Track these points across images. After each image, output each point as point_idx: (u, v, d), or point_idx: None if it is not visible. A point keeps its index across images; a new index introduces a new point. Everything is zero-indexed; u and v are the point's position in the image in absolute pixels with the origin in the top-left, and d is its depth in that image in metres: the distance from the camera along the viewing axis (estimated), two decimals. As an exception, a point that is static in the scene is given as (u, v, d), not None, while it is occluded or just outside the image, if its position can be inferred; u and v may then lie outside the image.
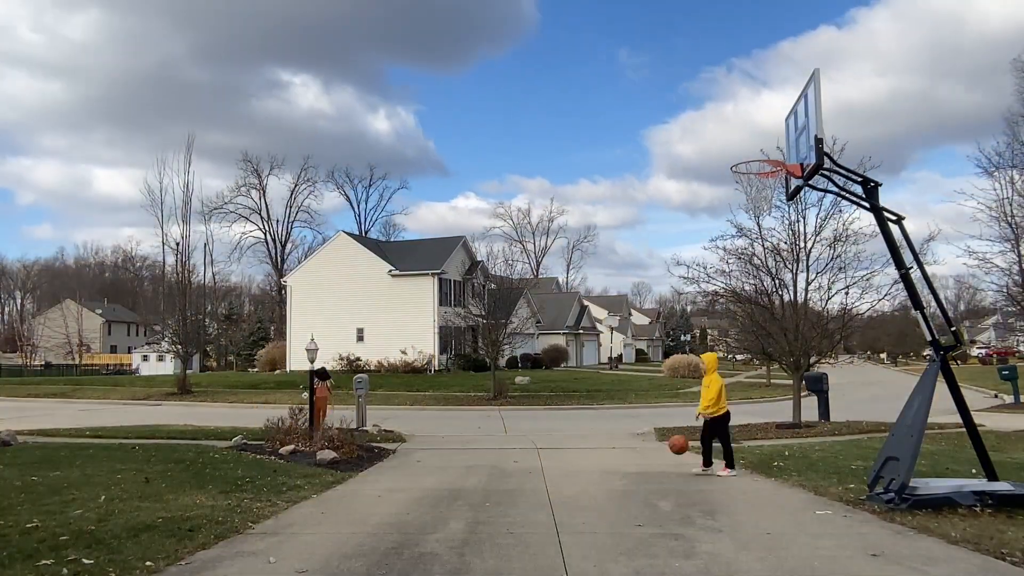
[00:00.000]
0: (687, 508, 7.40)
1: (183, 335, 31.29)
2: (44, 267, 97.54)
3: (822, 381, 17.39)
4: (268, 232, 71.39)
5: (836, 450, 11.57)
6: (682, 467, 10.31)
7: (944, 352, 7.51)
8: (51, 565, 5.07)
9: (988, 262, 22.00)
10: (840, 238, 15.21)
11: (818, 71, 7.42)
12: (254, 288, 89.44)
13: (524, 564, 5.45)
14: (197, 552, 5.65)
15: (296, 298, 44.01)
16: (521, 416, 21.73)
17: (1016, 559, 5.32)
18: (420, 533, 6.41)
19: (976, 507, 6.80)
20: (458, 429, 17.51)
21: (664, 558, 5.51)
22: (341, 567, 5.36)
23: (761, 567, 5.31)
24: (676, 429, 15.14)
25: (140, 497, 7.59)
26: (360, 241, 46.88)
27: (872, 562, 5.38)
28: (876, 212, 7.85)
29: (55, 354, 68.51)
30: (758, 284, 16.34)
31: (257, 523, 6.76)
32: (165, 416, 21.31)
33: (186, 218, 32.15)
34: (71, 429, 15.87)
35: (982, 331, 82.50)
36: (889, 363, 75.09)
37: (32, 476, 8.69)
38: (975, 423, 7.63)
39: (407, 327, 39.71)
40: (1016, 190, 22.20)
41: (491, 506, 7.66)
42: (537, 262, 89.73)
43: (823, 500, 7.71)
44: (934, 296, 8.43)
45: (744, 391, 31.09)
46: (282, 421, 12.18)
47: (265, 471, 9.62)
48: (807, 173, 7.84)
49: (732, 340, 21.73)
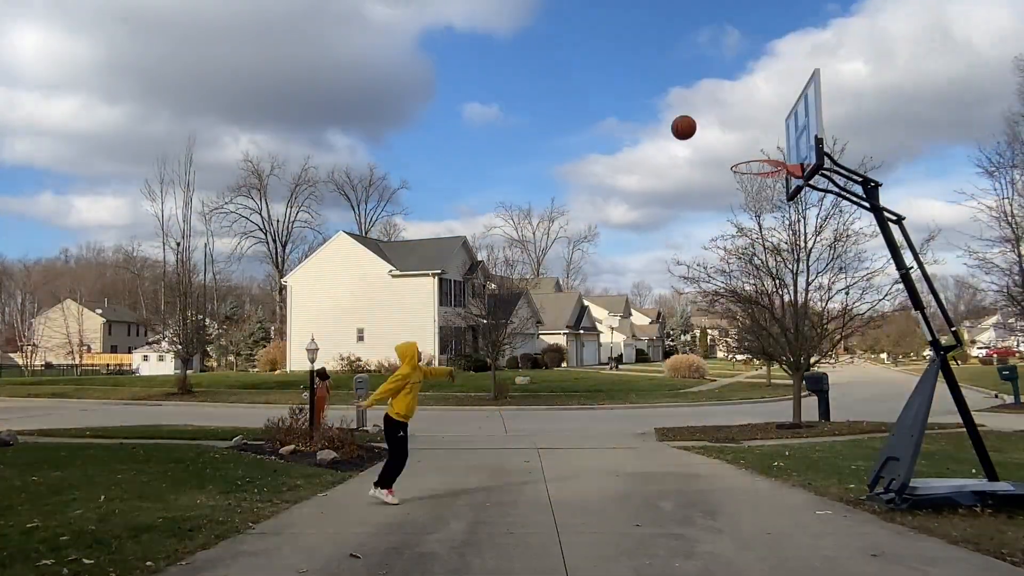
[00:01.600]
0: (687, 508, 7.40)
1: (184, 335, 31.33)
2: (45, 267, 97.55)
3: (822, 381, 17.39)
4: (268, 232, 71.49)
5: (836, 450, 11.57)
6: (683, 467, 10.32)
7: (944, 352, 7.51)
8: (51, 565, 5.07)
9: (988, 262, 22.04)
10: (840, 238, 15.24)
11: (818, 71, 7.41)
12: (254, 288, 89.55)
13: (525, 564, 5.45)
14: (197, 552, 5.65)
15: (296, 298, 44.04)
16: (521, 416, 21.74)
17: (1016, 559, 5.31)
18: (420, 533, 6.41)
19: (976, 507, 6.79)
20: (458, 429, 17.51)
21: (665, 558, 5.51)
22: (342, 567, 5.36)
23: (761, 567, 5.31)
24: (677, 429, 15.18)
25: (140, 497, 7.59)
26: (360, 241, 46.92)
27: (872, 562, 5.38)
28: (876, 212, 7.85)
29: (56, 354, 68.52)
30: (758, 284, 16.35)
31: (257, 523, 6.75)
32: (166, 416, 21.32)
33: (187, 218, 32.30)
34: (72, 429, 15.87)
35: (982, 331, 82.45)
36: (889, 363, 75.10)
37: (33, 476, 8.69)
38: (975, 423, 7.62)
39: (407, 327, 39.71)
40: (1016, 190, 22.22)
41: (491, 506, 7.66)
42: (537, 262, 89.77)
43: (823, 500, 7.71)
44: (934, 296, 8.43)
45: (744, 391, 31.09)
46: (282, 421, 12.18)
47: (265, 471, 9.62)
48: (807, 173, 7.83)
49: (732, 340, 21.74)
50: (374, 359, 38.80)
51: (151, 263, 70.59)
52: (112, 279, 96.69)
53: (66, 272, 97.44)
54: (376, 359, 38.78)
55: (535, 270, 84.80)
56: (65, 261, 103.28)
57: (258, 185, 70.87)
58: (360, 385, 17.32)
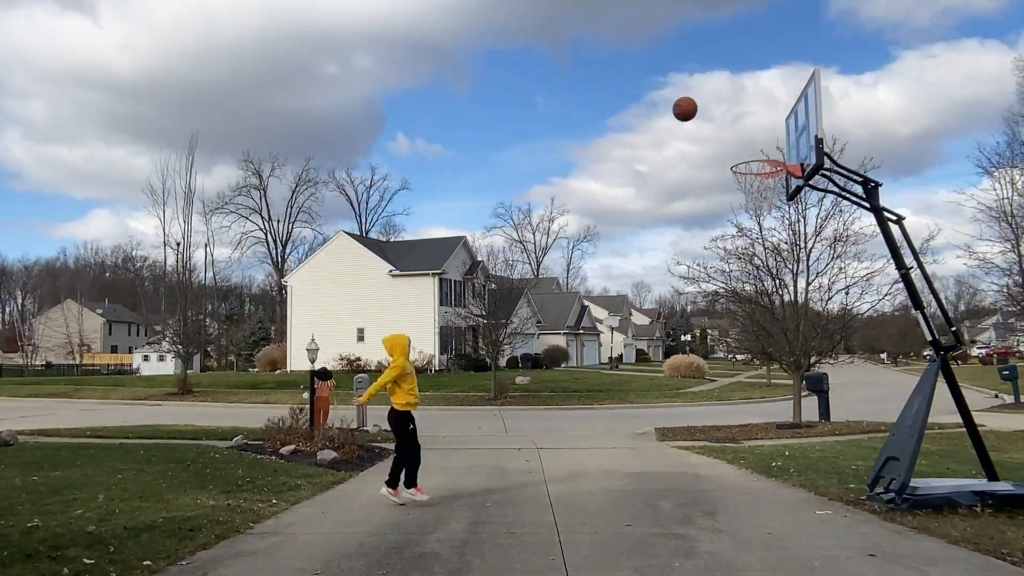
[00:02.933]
0: (687, 508, 7.41)
1: (184, 335, 31.34)
2: (45, 267, 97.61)
3: (822, 381, 17.39)
4: (269, 232, 71.52)
5: (836, 450, 11.57)
6: (683, 467, 10.32)
7: (944, 352, 7.51)
8: (51, 565, 5.07)
9: (988, 262, 22.06)
10: (840, 238, 15.24)
11: (818, 71, 7.41)
12: (255, 288, 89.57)
13: (525, 564, 5.45)
14: (198, 552, 5.66)
15: (296, 298, 44.04)
16: (521, 416, 21.74)
17: (1016, 559, 5.31)
18: (420, 533, 6.41)
19: (976, 507, 6.79)
20: (458, 429, 17.51)
21: (665, 558, 5.51)
22: (342, 567, 5.36)
23: (761, 567, 5.31)
24: (677, 429, 15.17)
25: (141, 497, 7.60)
26: (360, 241, 46.92)
27: (872, 562, 5.38)
28: (876, 212, 7.85)
29: (56, 354, 68.49)
30: (758, 284, 16.36)
31: (258, 523, 6.76)
32: (166, 416, 21.32)
33: (187, 218, 32.29)
34: (72, 429, 15.87)
35: (982, 331, 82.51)
36: (889, 363, 75.07)
37: (33, 476, 8.70)
38: (975, 423, 7.62)
39: (407, 327, 39.50)
40: (1016, 190, 22.24)
41: (491, 506, 7.66)
42: (538, 262, 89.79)
43: (823, 500, 7.71)
44: (934, 296, 8.43)
45: (744, 391, 31.09)
46: (282, 421, 12.18)
47: (266, 471, 9.62)
48: (807, 173, 7.84)
49: (732, 340, 21.75)
50: (374, 359, 38.76)
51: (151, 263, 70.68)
52: (112, 279, 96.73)
53: (66, 272, 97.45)
54: (376, 359, 38.72)
55: (535, 270, 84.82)
56: (64, 261, 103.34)
57: (258, 185, 70.93)
58: (360, 385, 17.34)
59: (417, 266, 42.16)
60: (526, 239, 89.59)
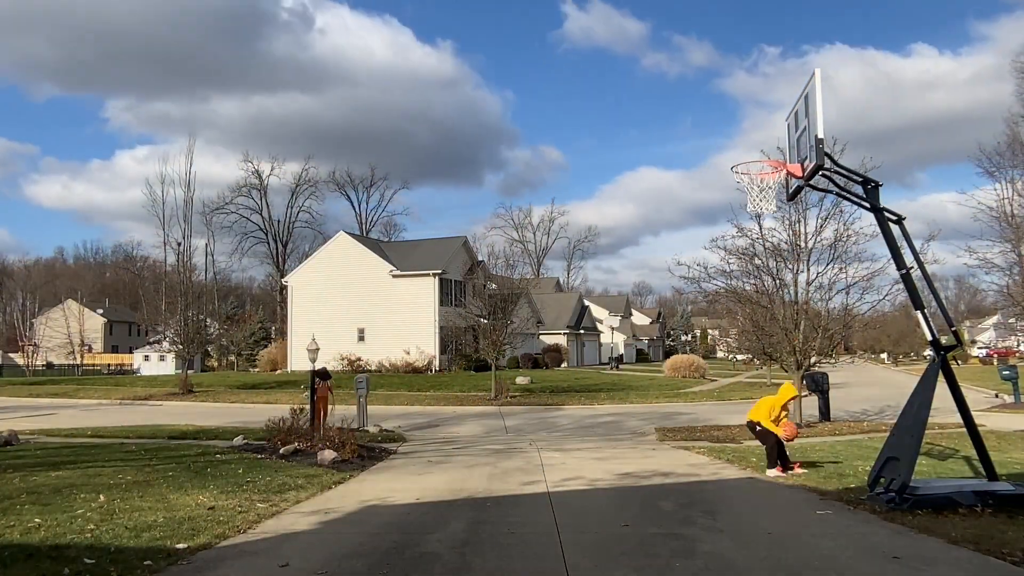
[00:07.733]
0: (688, 508, 7.41)
1: (184, 335, 31.32)
2: (45, 267, 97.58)
3: (822, 381, 17.40)
4: (269, 232, 71.49)
5: (836, 450, 11.58)
6: (683, 467, 10.32)
7: (944, 352, 7.52)
8: (52, 564, 5.08)
9: (988, 262, 22.06)
10: (841, 238, 15.23)
11: (818, 71, 7.42)
12: (255, 288, 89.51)
13: (525, 564, 5.46)
14: (198, 552, 5.66)
15: (297, 298, 44.02)
16: (522, 415, 21.73)
17: (1016, 559, 5.32)
18: (421, 533, 6.42)
19: (976, 507, 6.80)
20: (459, 428, 17.52)
21: (665, 558, 5.52)
22: (342, 566, 5.37)
23: (762, 567, 5.32)
24: (677, 429, 15.19)
25: (141, 497, 7.61)
26: (361, 241, 46.90)
27: (872, 562, 5.38)
28: (876, 212, 7.86)
29: (57, 354, 68.52)
30: (759, 284, 16.35)
31: (258, 523, 6.76)
32: (167, 416, 21.33)
33: (187, 218, 32.32)
34: (73, 429, 15.89)
35: (982, 331, 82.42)
36: (889, 363, 75.05)
37: (34, 476, 8.71)
38: (975, 423, 7.63)
39: (408, 327, 39.71)
40: (1016, 190, 22.25)
41: (492, 506, 7.66)
42: (538, 262, 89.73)
43: (823, 500, 7.72)
44: (935, 296, 8.44)
45: (745, 391, 31.07)
46: (283, 421, 12.20)
47: (266, 471, 9.63)
48: (808, 173, 7.84)
49: (732, 340, 21.75)
50: (375, 359, 38.79)
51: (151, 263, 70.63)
52: (112, 279, 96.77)
53: (66, 272, 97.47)
54: (376, 359, 38.77)
55: (535, 270, 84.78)
56: (64, 261, 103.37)
57: (258, 185, 70.89)
58: (360, 385, 17.29)
59: (418, 266, 42.13)
60: (527, 239, 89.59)
